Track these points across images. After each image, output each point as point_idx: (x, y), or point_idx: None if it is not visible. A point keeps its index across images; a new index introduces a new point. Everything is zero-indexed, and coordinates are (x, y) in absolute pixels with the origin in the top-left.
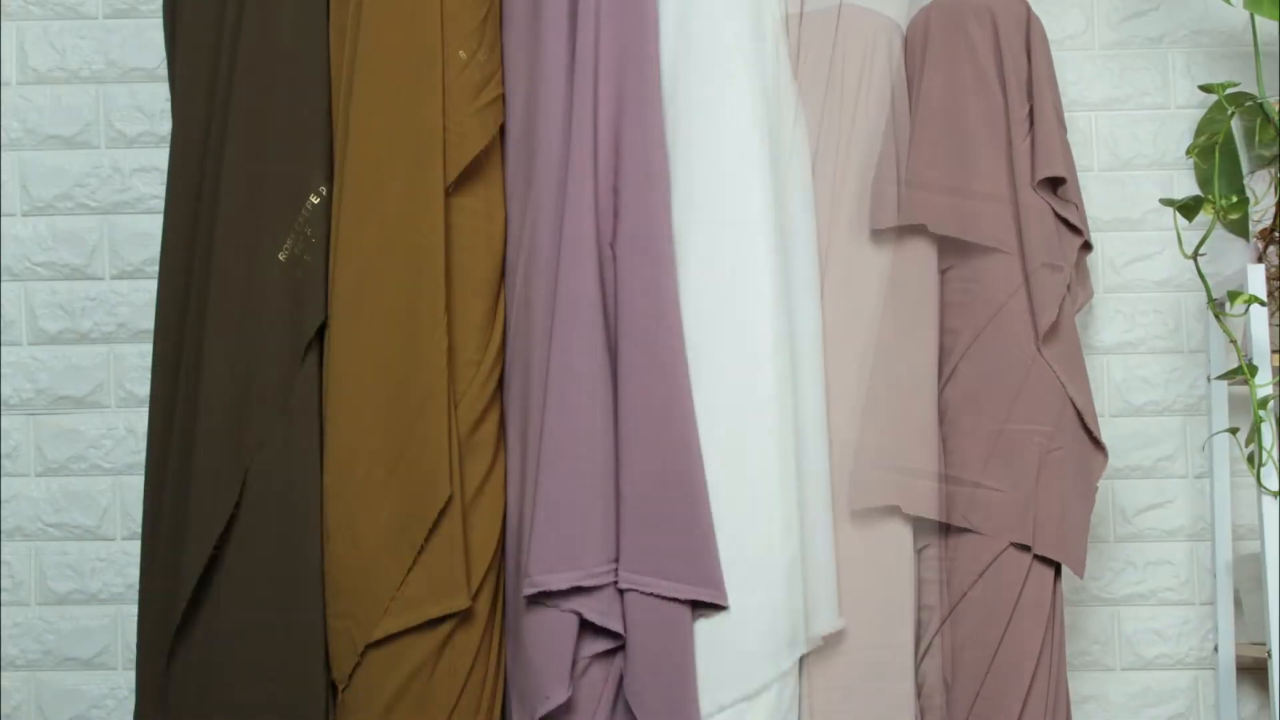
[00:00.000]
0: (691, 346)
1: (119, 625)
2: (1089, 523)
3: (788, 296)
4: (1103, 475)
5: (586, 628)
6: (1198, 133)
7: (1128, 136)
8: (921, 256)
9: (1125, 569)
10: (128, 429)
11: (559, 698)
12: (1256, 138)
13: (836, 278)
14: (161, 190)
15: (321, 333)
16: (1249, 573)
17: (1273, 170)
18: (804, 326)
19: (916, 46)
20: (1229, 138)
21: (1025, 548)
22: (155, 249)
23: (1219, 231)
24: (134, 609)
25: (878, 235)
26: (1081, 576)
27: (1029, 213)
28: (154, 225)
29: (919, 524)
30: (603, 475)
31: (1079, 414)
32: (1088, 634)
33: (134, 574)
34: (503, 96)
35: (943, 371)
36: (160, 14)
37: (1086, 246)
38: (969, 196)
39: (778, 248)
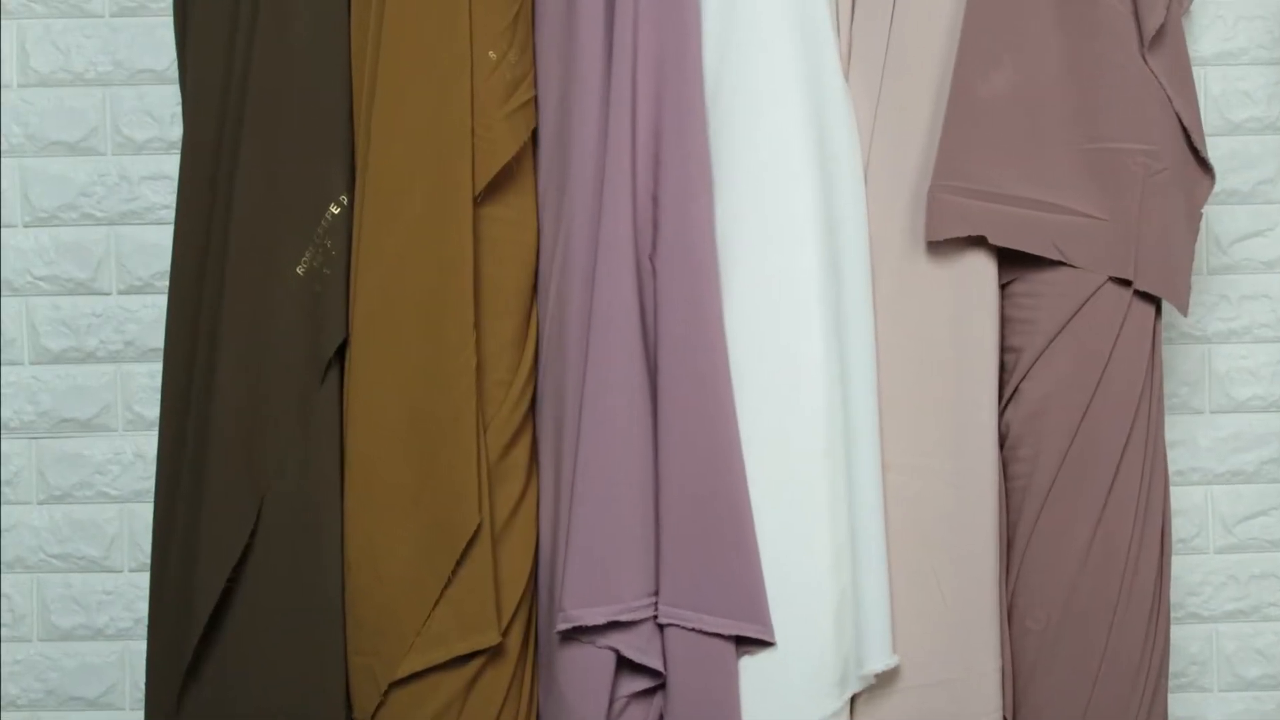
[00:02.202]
0: (735, 365)
1: (126, 663)
2: (1194, 254)
3: (838, 312)
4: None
5: (624, 665)
6: None
7: None
8: (981, 270)
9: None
10: (136, 453)
11: None
12: None
13: (889, 293)
14: (172, 199)
15: (342, 351)
16: None
17: None
18: (855, 344)
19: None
20: None
21: (1125, 282)
22: (165, 262)
23: None
24: (142, 645)
25: (934, 247)
26: (1186, 314)
27: None
28: (164, 237)
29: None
30: (641, 502)
31: (1185, 131)
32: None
33: (142, 608)
34: (535, 100)
35: (1003, 393)
36: (170, 12)
37: None
38: (1035, 206)
39: (827, 260)
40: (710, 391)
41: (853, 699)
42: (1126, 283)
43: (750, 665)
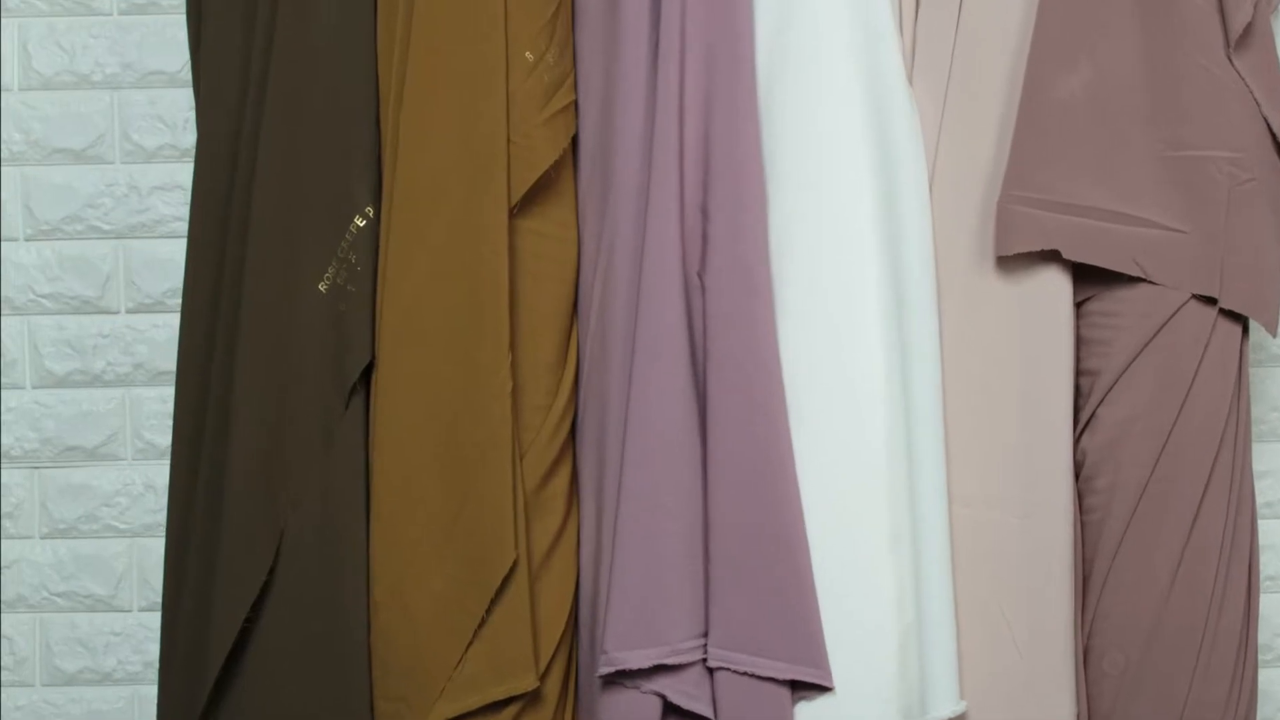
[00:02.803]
0: (790, 390)
1: (136, 709)
2: None
3: (900, 333)
4: None
5: (671, 711)
6: None
7: None
8: (1054, 287)
9: None
10: (146, 484)
11: None
12: None
13: (956, 312)
14: (184, 211)
15: (368, 374)
16: None
17: None
18: (919, 367)
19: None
20: None
21: (1209, 300)
22: (177, 278)
23: None
24: (153, 690)
25: (1004, 263)
26: (1275, 334)
27: None
28: (176, 251)
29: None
30: (689, 537)
31: (1274, 137)
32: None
33: (153, 650)
34: (575, 104)
35: (1078, 420)
36: (183, 10)
37: None
38: (1113, 218)
39: (889, 277)
40: (763, 417)
41: None
42: (1211, 301)
43: (807, 711)
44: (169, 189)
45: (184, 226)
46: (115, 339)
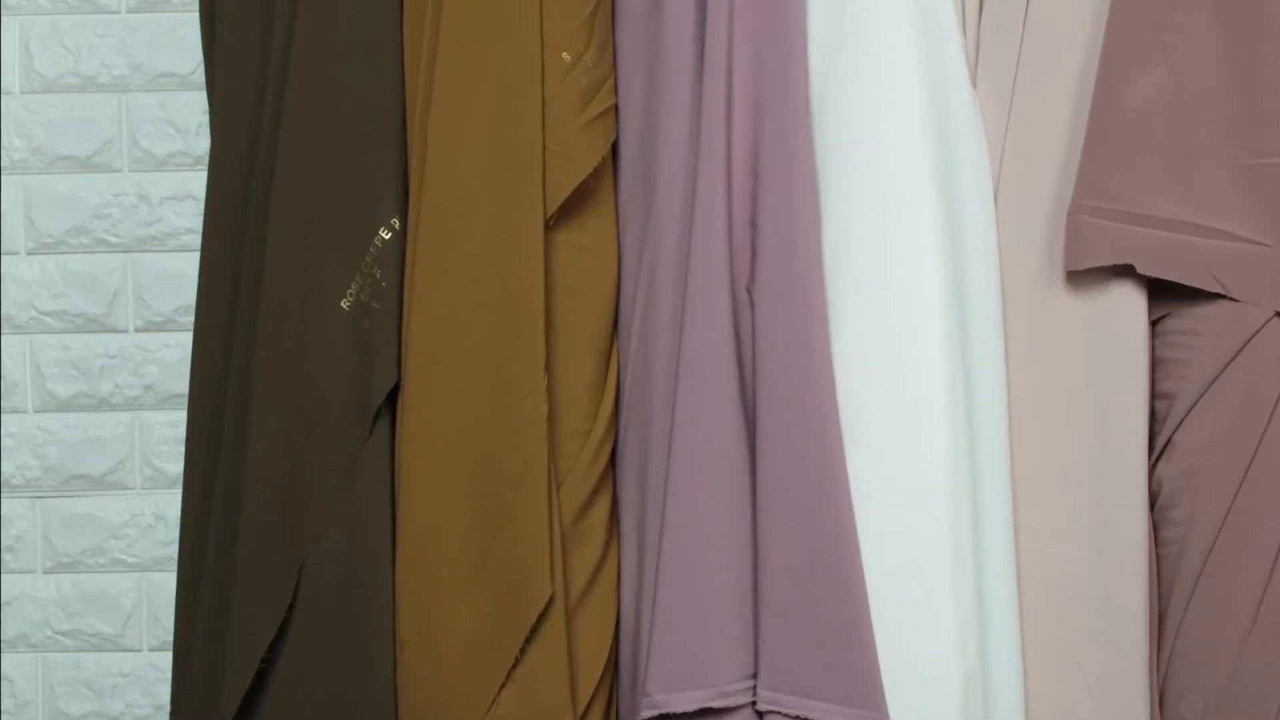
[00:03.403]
0: (845, 414)
1: None
2: None
3: (963, 353)
4: None
5: None
6: None
7: None
8: (1128, 304)
9: None
10: (156, 515)
11: None
12: None
13: (1023, 331)
14: (197, 223)
15: (394, 398)
16: None
17: None
18: (983, 390)
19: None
20: None
21: None
22: (189, 295)
23: None
24: None
25: (1074, 278)
26: None
27: None
28: (188, 266)
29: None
30: (737, 571)
31: None
32: None
33: (164, 693)
34: (615, 108)
35: (1154, 446)
36: (195, 8)
37: None
38: (1190, 230)
39: (951, 294)
40: (817, 444)
41: None
42: None
43: None
44: (180, 199)
45: (196, 239)
46: (123, 359)
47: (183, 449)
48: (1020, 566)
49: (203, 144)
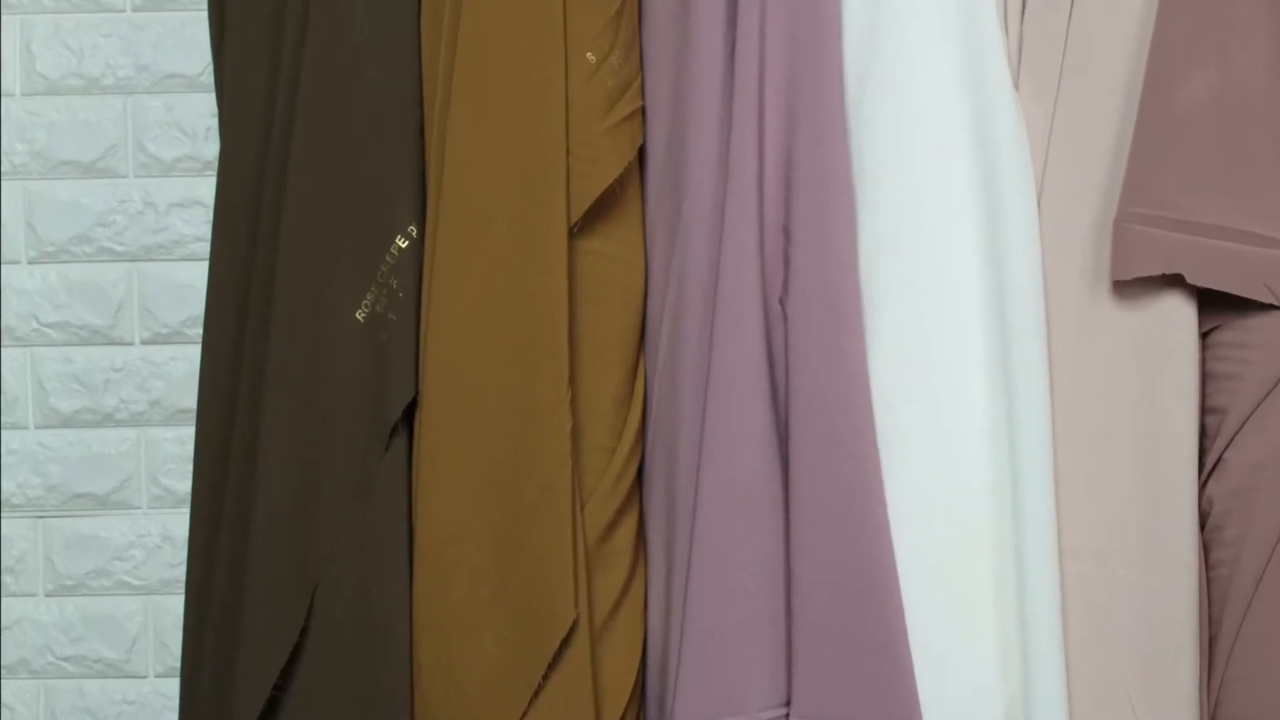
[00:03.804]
0: (882, 430)
1: None
2: None
3: (1005, 367)
4: None
5: None
6: None
7: None
8: (1177, 315)
9: None
10: (163, 536)
11: None
12: None
13: (1067, 344)
14: (206, 231)
15: (411, 412)
16: None
17: None
18: (1026, 406)
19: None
20: None
21: None
22: (198, 306)
23: None
24: None
25: (1121, 289)
26: None
27: None
28: (197, 275)
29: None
30: (770, 594)
31: None
32: None
33: None
34: (642, 110)
35: (1204, 463)
36: (204, 7)
37: None
38: (1243, 239)
39: (992, 305)
40: (852, 461)
41: None
42: None
43: None
44: (188, 206)
45: (205, 248)
46: (129, 373)
47: (190, 467)
48: (1064, 589)
49: (211, 148)
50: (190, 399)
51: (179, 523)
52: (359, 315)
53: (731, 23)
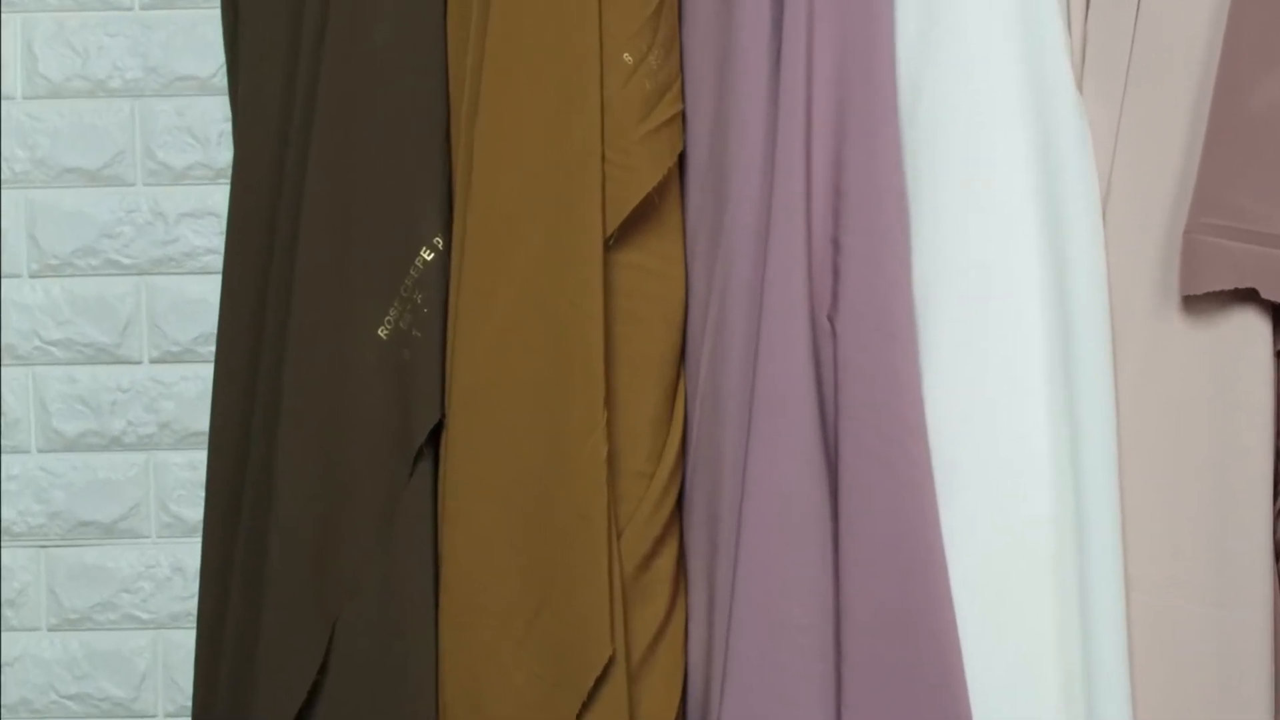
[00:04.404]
0: (937, 455)
1: None
2: None
3: (1068, 389)
4: None
5: None
6: None
7: None
8: (1251, 332)
9: None
10: (173, 566)
11: None
12: None
13: (1134, 363)
14: (218, 242)
15: (436, 436)
16: None
17: None
18: (1091, 429)
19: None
20: None
21: None
22: (210, 322)
23: None
24: None
25: (1192, 304)
26: None
27: None
28: (209, 290)
29: None
30: (818, 628)
31: None
32: None
33: None
34: (682, 115)
35: (1279, 489)
36: (216, 4)
37: None
38: None
39: (1055, 322)
40: (907, 489)
41: None
42: None
43: None
44: (200, 216)
45: (218, 260)
46: (136, 394)
47: (202, 493)
48: (1132, 624)
49: (225, 155)
50: (202, 421)
51: (190, 553)
52: (381, 332)
53: (777, 21)
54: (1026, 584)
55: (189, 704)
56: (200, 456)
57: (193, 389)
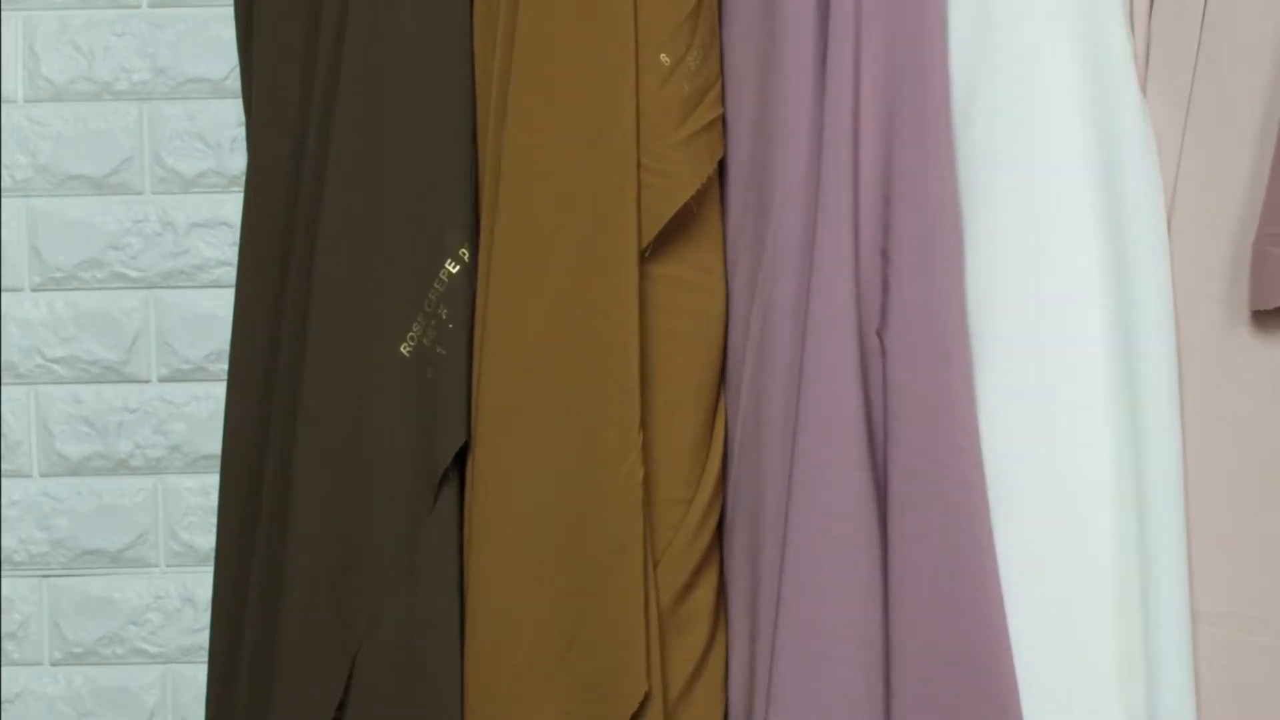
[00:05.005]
0: (993, 482)
1: None
2: None
3: (1132, 412)
4: None
5: None
6: None
7: None
8: None
9: None
10: (184, 597)
11: None
12: None
13: (1202, 384)
14: (232, 254)
15: (462, 459)
16: None
17: None
18: (1155, 455)
19: None
20: None
21: None
22: (223, 339)
23: None
24: None
25: (1262, 321)
26: None
27: None
28: (221, 305)
29: None
30: (866, 666)
31: None
32: None
33: None
34: (723, 119)
35: None
36: (230, 1)
37: None
38: None
39: (1117, 340)
40: (960, 517)
41: None
42: None
43: None
44: (212, 226)
45: (230, 273)
46: (145, 415)
47: (214, 520)
48: (1199, 659)
49: (238, 161)
50: (214, 443)
51: (202, 583)
52: (404, 349)
53: (823, 19)
54: (1088, 619)
55: None
56: (212, 481)
57: (204, 409)
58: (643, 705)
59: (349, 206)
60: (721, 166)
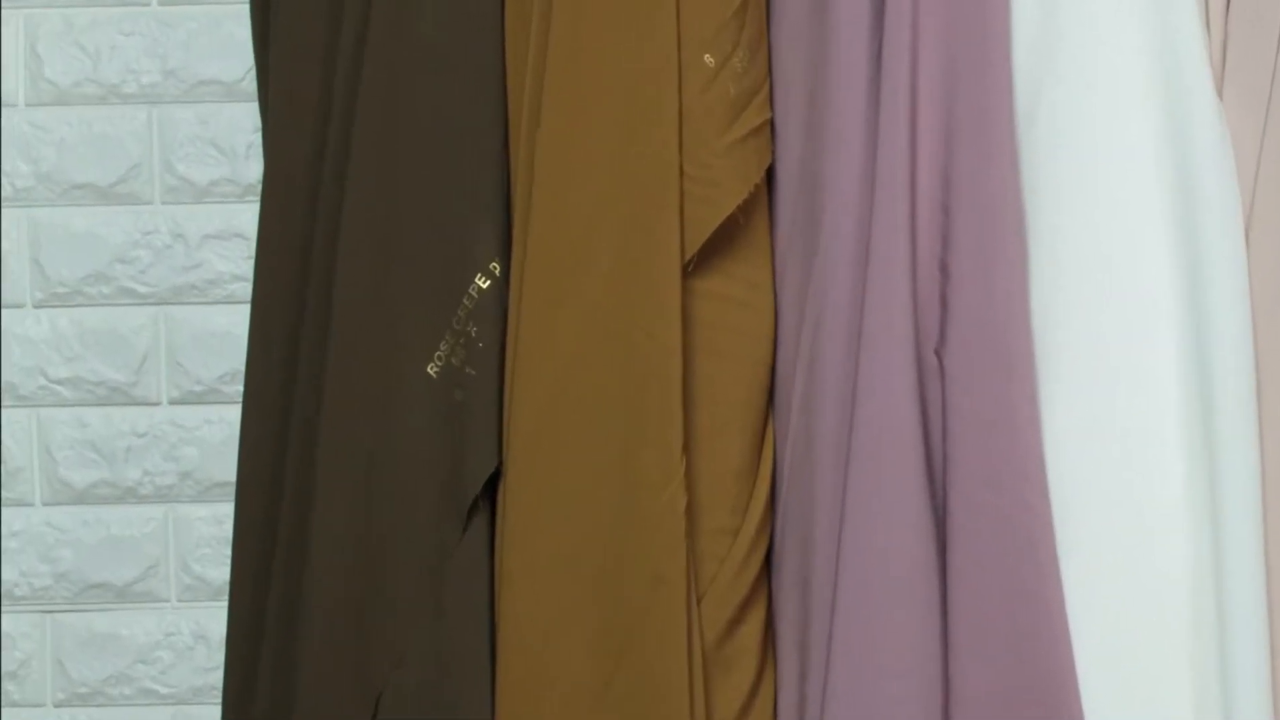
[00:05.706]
0: (1060, 513)
1: None
2: None
3: (1207, 438)
4: None
5: None
6: None
7: None
8: None
9: None
10: (196, 634)
11: None
12: None
13: (1279, 401)
14: (246, 268)
15: (493, 486)
16: None
17: None
18: (1232, 484)
19: None
20: None
21: None
22: (237, 358)
23: None
24: None
25: None
26: None
27: None
28: (236, 322)
29: None
30: (923, 704)
31: None
32: None
33: None
34: (771, 123)
35: None
36: None
37: None
38: None
39: (1191, 359)
40: (1023, 546)
41: None
42: None
43: None
44: (225, 238)
45: (245, 289)
46: (155, 439)
47: (228, 551)
48: (1276, 699)
49: (253, 169)
50: (228, 470)
51: (215, 618)
52: (431, 370)
53: (878, 17)
54: (1160, 654)
55: None
56: (226, 510)
57: (218, 434)
58: None
59: (372, 217)
60: (769, 174)
